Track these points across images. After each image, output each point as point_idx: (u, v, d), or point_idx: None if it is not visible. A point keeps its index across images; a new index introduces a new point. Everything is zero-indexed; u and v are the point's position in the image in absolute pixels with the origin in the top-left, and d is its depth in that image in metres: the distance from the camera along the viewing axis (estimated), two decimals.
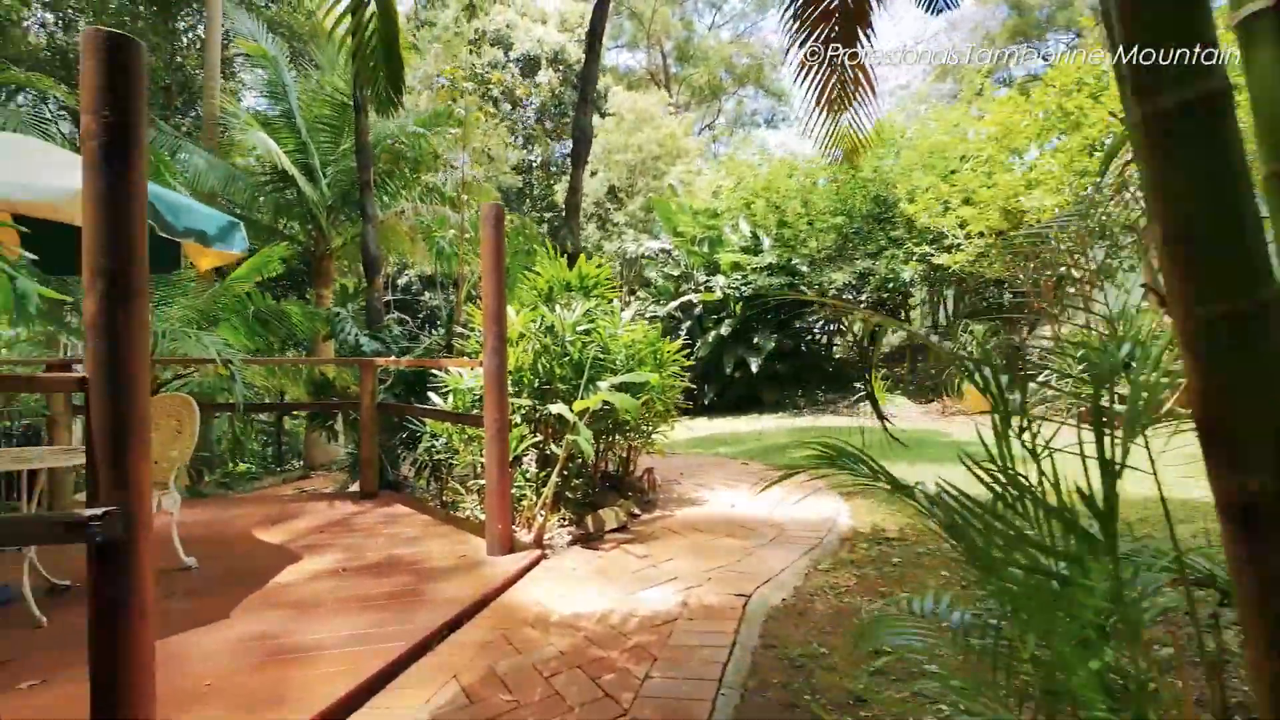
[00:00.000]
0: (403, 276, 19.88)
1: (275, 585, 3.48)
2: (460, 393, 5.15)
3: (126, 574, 1.80)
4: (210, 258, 4.06)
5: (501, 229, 4.01)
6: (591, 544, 4.23)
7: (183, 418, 3.82)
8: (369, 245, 7.36)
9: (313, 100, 9.93)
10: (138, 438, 1.83)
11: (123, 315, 1.80)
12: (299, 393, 8.27)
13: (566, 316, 4.72)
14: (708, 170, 21.29)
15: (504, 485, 3.97)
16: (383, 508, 5.23)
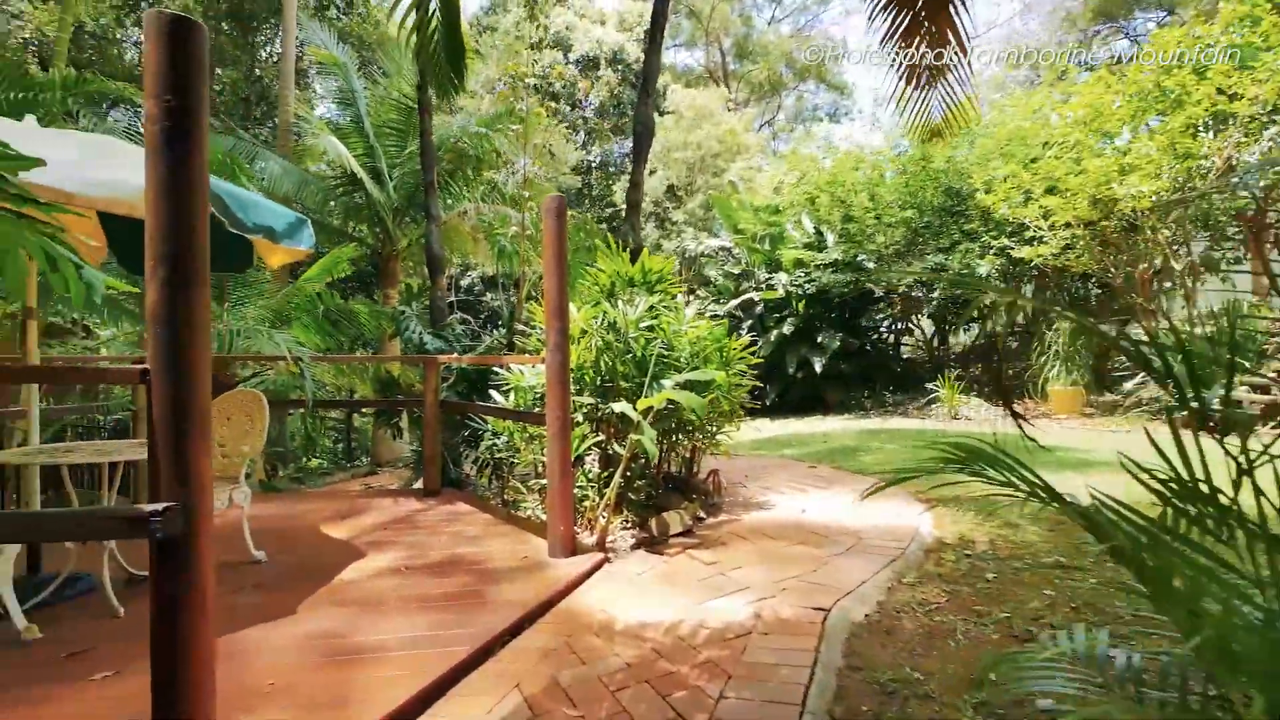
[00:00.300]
0: (465, 278, 20.25)
1: (340, 582, 3.46)
2: (522, 390, 5.08)
3: (187, 570, 1.74)
4: (280, 255, 4.10)
5: (564, 221, 3.90)
6: (655, 548, 4.06)
7: (254, 413, 3.86)
8: (432, 245, 7.43)
9: (380, 106, 10.17)
10: (199, 431, 1.77)
11: (183, 303, 1.75)
12: (367, 391, 8.46)
13: (629, 312, 4.58)
14: (768, 167, 20.86)
15: (566, 485, 3.85)
16: (445, 505, 5.22)
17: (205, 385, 1.80)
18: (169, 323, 1.74)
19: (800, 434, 9.64)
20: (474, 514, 4.93)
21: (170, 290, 1.75)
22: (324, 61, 9.72)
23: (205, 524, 1.78)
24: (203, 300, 1.81)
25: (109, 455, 3.07)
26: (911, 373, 14.18)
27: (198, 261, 1.80)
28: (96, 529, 1.65)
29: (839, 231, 14.08)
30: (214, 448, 3.89)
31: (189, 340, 1.77)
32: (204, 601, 1.79)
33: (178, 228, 1.76)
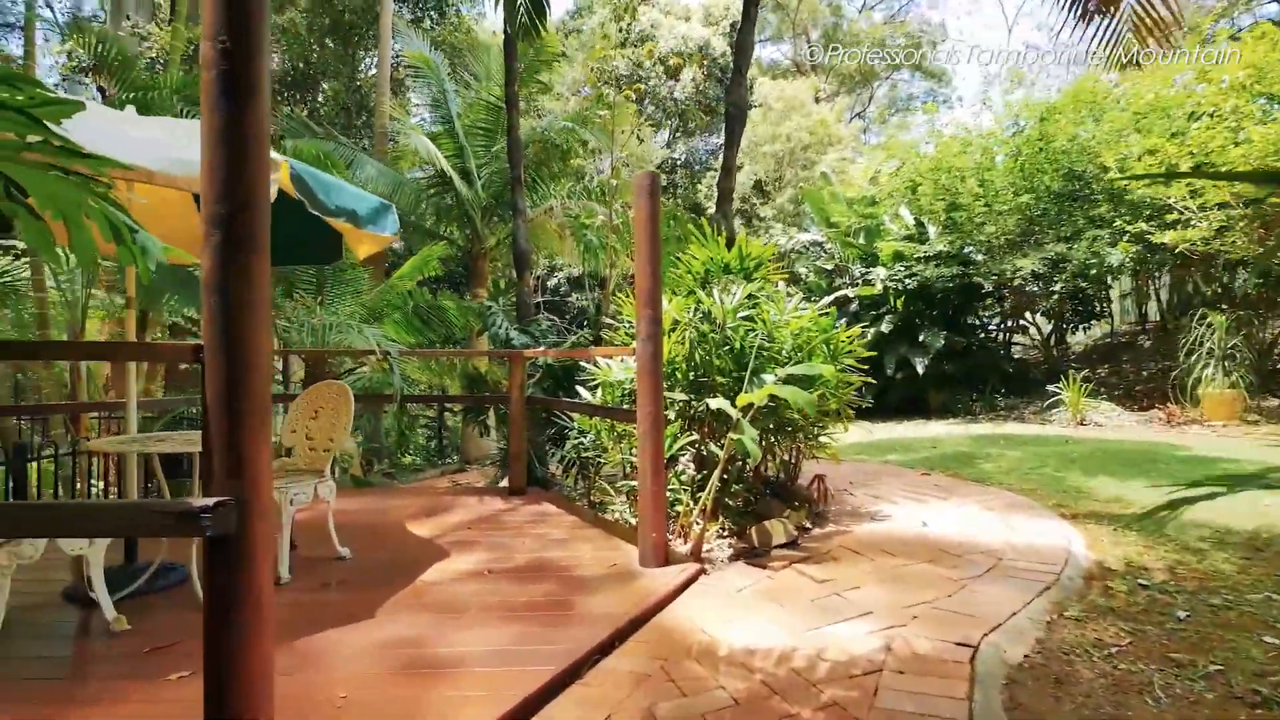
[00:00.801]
0: (552, 278, 20.43)
1: (422, 584, 3.28)
2: (609, 386, 4.81)
3: (240, 572, 1.53)
4: (367, 244, 4.01)
5: (657, 200, 3.58)
6: (757, 560, 3.66)
7: (339, 406, 3.77)
8: (519, 240, 7.32)
9: (469, 108, 10.29)
10: (256, 417, 1.55)
11: (240, 272, 1.54)
12: (456, 388, 8.50)
13: (726, 301, 4.21)
14: (862, 159, 19.84)
15: (658, 488, 3.52)
16: (530, 505, 5.02)
17: (263, 366, 1.59)
18: (223, 292, 1.54)
19: (904, 438, 8.90)
20: (560, 515, 4.69)
21: (225, 256, 1.54)
22: (417, 64, 9.90)
23: (261, 522, 1.57)
24: (261, 270, 1.60)
25: (197, 445, 3.01)
26: (1025, 374, 12.97)
27: (257, 225, 1.59)
28: (141, 524, 1.47)
29: (942, 222, 13.08)
30: (301, 440, 3.83)
31: (246, 314, 1.56)
32: (259, 605, 1.57)
33: (234, 186, 1.55)
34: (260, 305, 1.59)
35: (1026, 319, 13.45)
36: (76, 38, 7.61)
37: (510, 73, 7.41)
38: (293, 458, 3.82)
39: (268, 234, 1.62)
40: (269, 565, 1.61)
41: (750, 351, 4.12)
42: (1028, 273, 11.31)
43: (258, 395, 1.57)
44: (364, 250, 4.05)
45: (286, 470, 3.76)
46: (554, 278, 20.60)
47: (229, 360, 1.53)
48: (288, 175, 2.79)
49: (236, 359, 1.54)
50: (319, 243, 4.28)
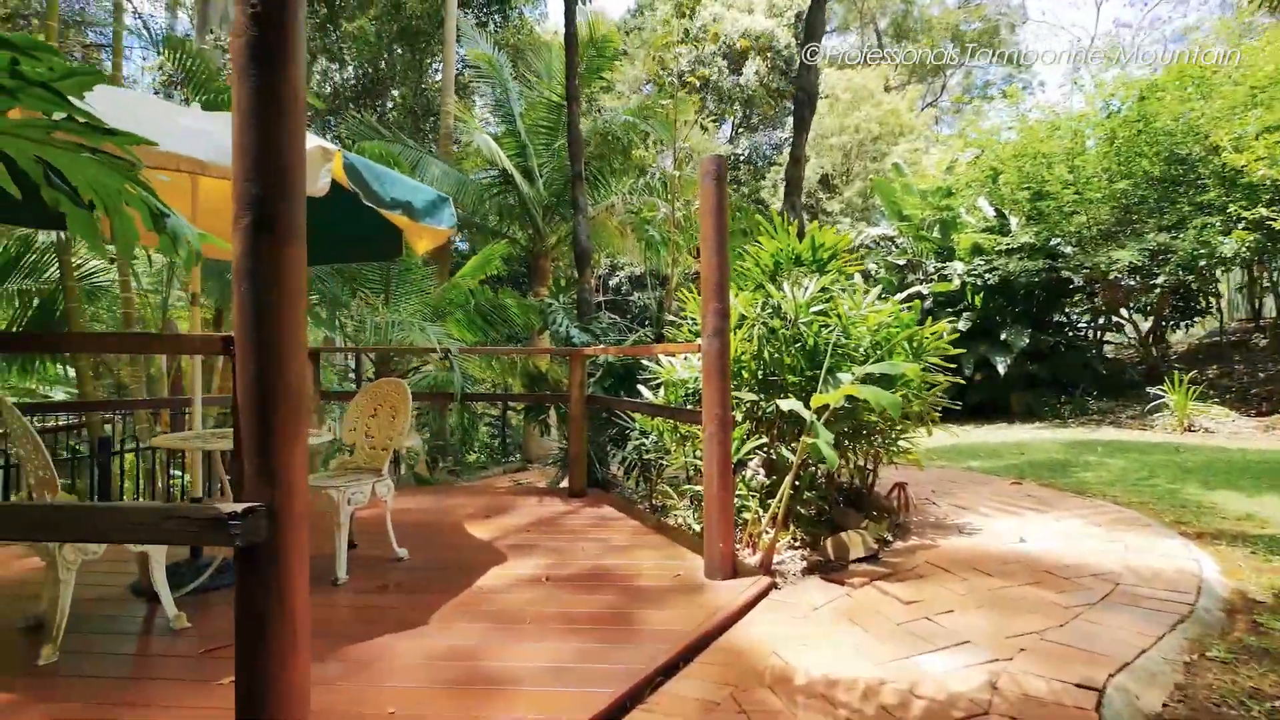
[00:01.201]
0: (613, 277, 20.39)
1: (478, 590, 3.15)
2: (673, 385, 4.59)
3: (272, 584, 1.39)
4: (425, 239, 3.94)
5: (723, 185, 3.34)
6: (833, 575, 3.37)
7: (398, 404, 3.70)
8: (580, 237, 7.20)
9: (531, 107, 10.28)
10: (289, 416, 1.41)
11: (272, 256, 1.40)
12: (518, 387, 8.47)
13: (797, 295, 3.92)
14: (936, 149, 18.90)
15: (726, 494, 3.28)
16: (591, 508, 4.86)
17: (297, 360, 1.45)
18: (254, 279, 1.41)
19: (986, 443, 8.31)
20: (621, 519, 4.51)
21: (256, 240, 1.41)
22: (480, 64, 9.96)
23: (295, 530, 1.43)
24: (296, 256, 1.46)
25: None
26: (1120, 375, 11.98)
27: (290, 205, 1.45)
28: (164, 531, 1.35)
29: (1026, 213, 12.23)
30: (361, 438, 3.78)
31: (279, 303, 1.42)
32: (293, 623, 1.44)
33: (266, 162, 1.42)
34: (295, 294, 1.45)
35: (1122, 316, 12.42)
36: (166, 53, 7.99)
37: (570, 67, 7.31)
38: (353, 456, 3.78)
39: (303, 216, 1.49)
40: (304, 577, 1.47)
41: (824, 349, 3.83)
42: (1125, 265, 10.41)
43: (291, 392, 1.43)
44: (422, 246, 3.97)
45: (346, 468, 3.72)
46: (615, 277, 20.55)
47: (260, 353, 1.40)
48: (341, 166, 2.70)
49: (268, 352, 1.41)
50: (379, 239, 4.25)
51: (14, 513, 1.48)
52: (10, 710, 2.08)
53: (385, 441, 3.67)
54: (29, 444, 2.44)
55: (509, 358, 8.01)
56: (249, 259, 1.40)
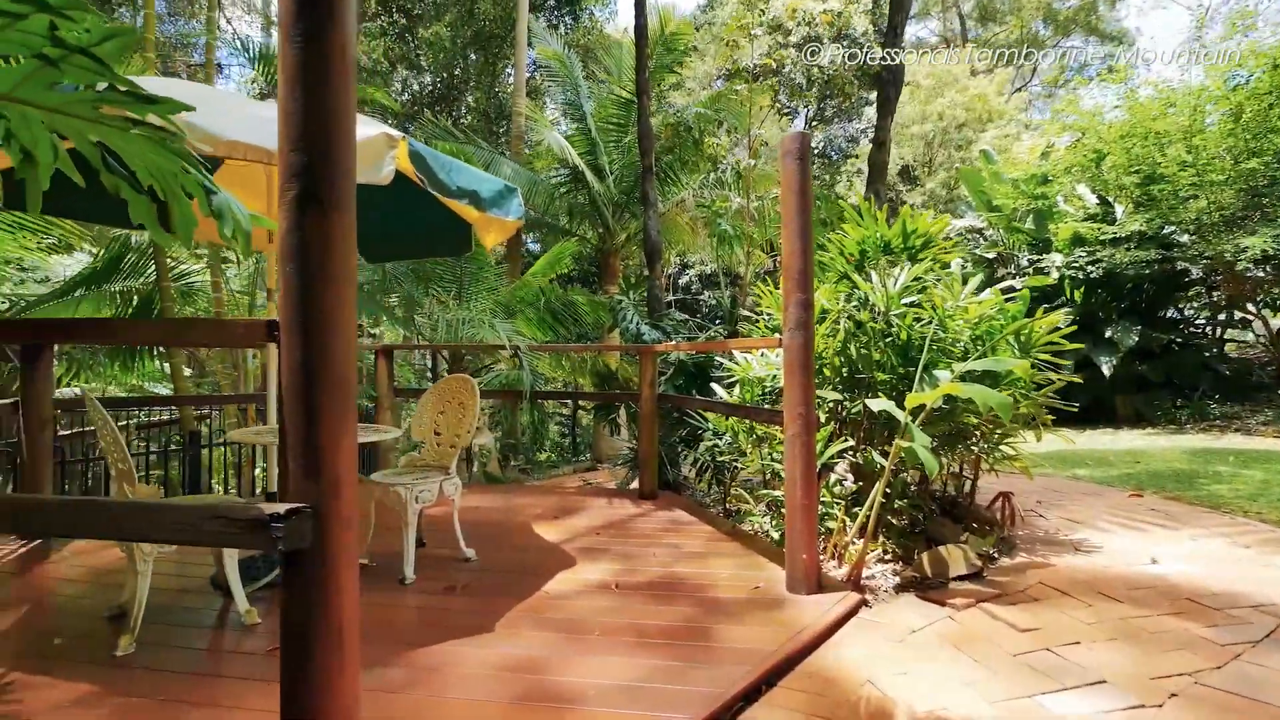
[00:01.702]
0: (683, 276, 20.17)
1: (545, 595, 3.01)
2: (748, 384, 4.34)
3: (316, 592, 1.26)
4: (494, 232, 3.85)
5: (807, 165, 3.07)
6: (930, 594, 3.04)
7: (466, 400, 3.62)
8: (650, 232, 7.03)
9: (601, 104, 10.22)
10: (336, 406, 1.28)
11: (319, 232, 1.26)
12: (588, 385, 8.40)
13: (887, 286, 3.60)
14: (1028, 134, 17.69)
15: (810, 501, 3.01)
16: (662, 511, 4.67)
17: (346, 347, 1.32)
18: (301, 256, 1.28)
19: (1094, 450, 7.59)
20: (694, 524, 4.29)
21: (302, 213, 1.28)
22: (550, 62, 9.96)
23: (343, 534, 1.30)
24: (344, 232, 1.33)
25: None
26: (1246, 377, 10.78)
27: (339, 174, 1.32)
28: (203, 531, 1.24)
29: (1135, 199, 11.18)
30: (430, 435, 3.72)
31: (327, 283, 1.30)
32: (340, 635, 1.31)
33: (312, 129, 1.29)
34: (343, 275, 1.32)
35: (1248, 310, 11.16)
36: (259, 66, 8.38)
37: (641, 59, 7.15)
38: (422, 453, 3.73)
39: (353, 187, 1.36)
40: (353, 585, 1.34)
41: (919, 344, 3.49)
42: (1254, 254, 9.32)
43: (338, 380, 1.30)
44: (491, 239, 3.89)
45: (415, 465, 3.68)
46: (685, 275, 20.33)
47: (305, 338, 1.28)
48: (406, 154, 2.61)
49: (314, 337, 1.28)
50: (449, 234, 4.20)
51: (53, 507, 1.42)
52: (82, 703, 2.08)
53: (453, 439, 3.60)
54: (109, 437, 2.47)
55: (579, 357, 7.93)
56: (294, 234, 1.28)
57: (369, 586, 3.14)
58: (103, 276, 5.56)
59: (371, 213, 4.35)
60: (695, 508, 4.79)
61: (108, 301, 5.51)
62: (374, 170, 2.49)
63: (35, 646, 2.49)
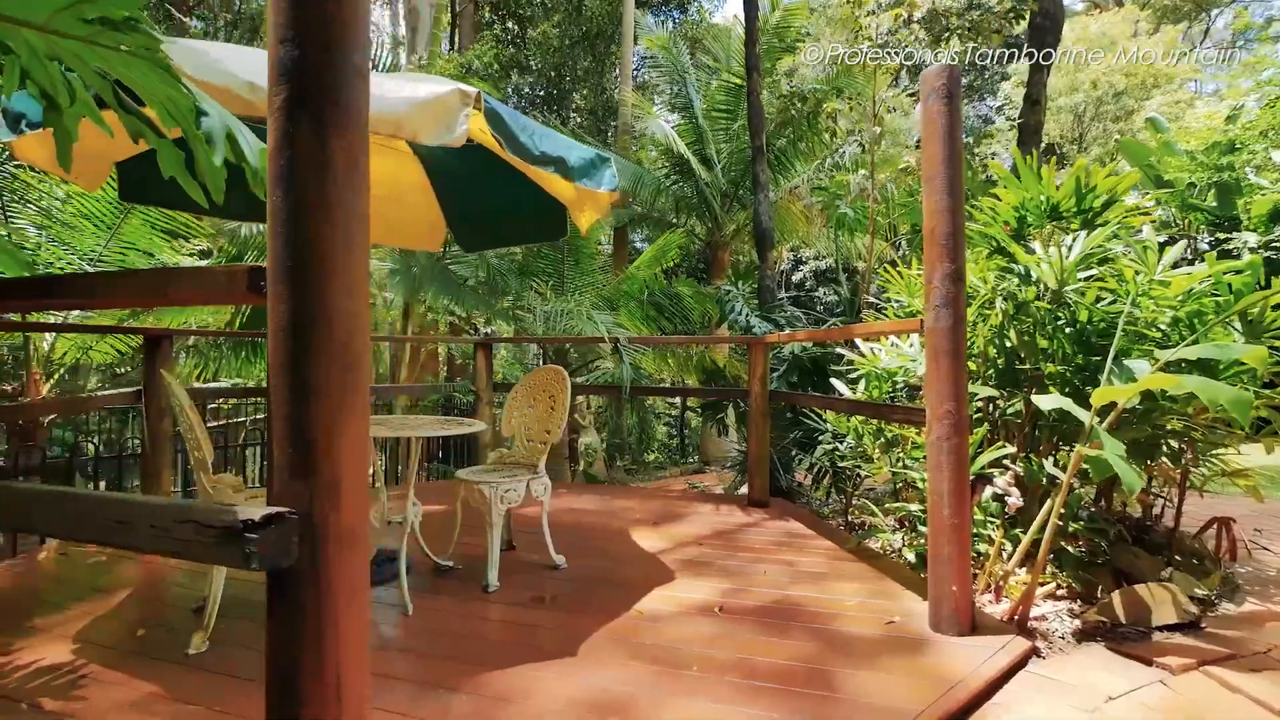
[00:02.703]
0: (796, 272, 19.27)
1: (637, 616, 2.63)
2: (875, 379, 3.76)
3: (305, 627, 0.94)
4: (587, 210, 3.53)
5: (956, 104, 2.49)
6: (1128, 647, 2.36)
7: (556, 394, 3.33)
8: (761, 217, 6.51)
9: (708, 93, 9.79)
10: (337, 384, 0.95)
11: (315, 144, 0.95)
12: (694, 382, 7.99)
13: (1058, 257, 2.91)
14: (1205, 98, 15.28)
15: (961, 520, 2.43)
16: (775, 521, 4.17)
17: (353, 305, 1.00)
18: (291, 179, 0.97)
19: None
20: (811, 539, 3.76)
21: (292, 125, 0.97)
22: (656, 49, 9.66)
23: (343, 552, 0.97)
24: (353, 149, 1.01)
25: (405, 429, 2.74)
26: None
27: (345, 77, 1.00)
28: (176, 541, 0.94)
29: None
30: (520, 431, 3.46)
31: (324, 219, 0.98)
32: (339, 684, 0.98)
33: (307, 9, 0.98)
34: (349, 209, 1.00)
35: None
36: None
37: (751, 30, 6.66)
38: (511, 450, 3.48)
39: (364, 93, 1.03)
40: (358, 620, 1.01)
41: (1102, 326, 2.79)
42: None
43: (340, 347, 0.98)
44: (585, 219, 3.58)
45: (505, 462, 3.43)
46: (799, 271, 19.39)
47: (295, 289, 0.96)
48: (481, 115, 2.32)
49: (307, 289, 0.96)
50: (543, 218, 3.95)
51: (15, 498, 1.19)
52: (139, 706, 1.93)
53: (543, 435, 3.31)
54: (185, 423, 2.37)
55: (685, 352, 7.54)
56: (284, 152, 0.98)
57: (449, 592, 2.91)
58: None
59: (461, 198, 4.20)
60: (812, 519, 4.25)
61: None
62: (445, 130, 2.22)
63: (120, 637, 2.43)
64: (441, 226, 4.38)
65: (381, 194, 4.18)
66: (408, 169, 4.00)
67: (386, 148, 3.74)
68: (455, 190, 4.10)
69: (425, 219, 4.32)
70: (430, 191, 4.14)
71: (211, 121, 1.08)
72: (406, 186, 4.10)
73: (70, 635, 2.41)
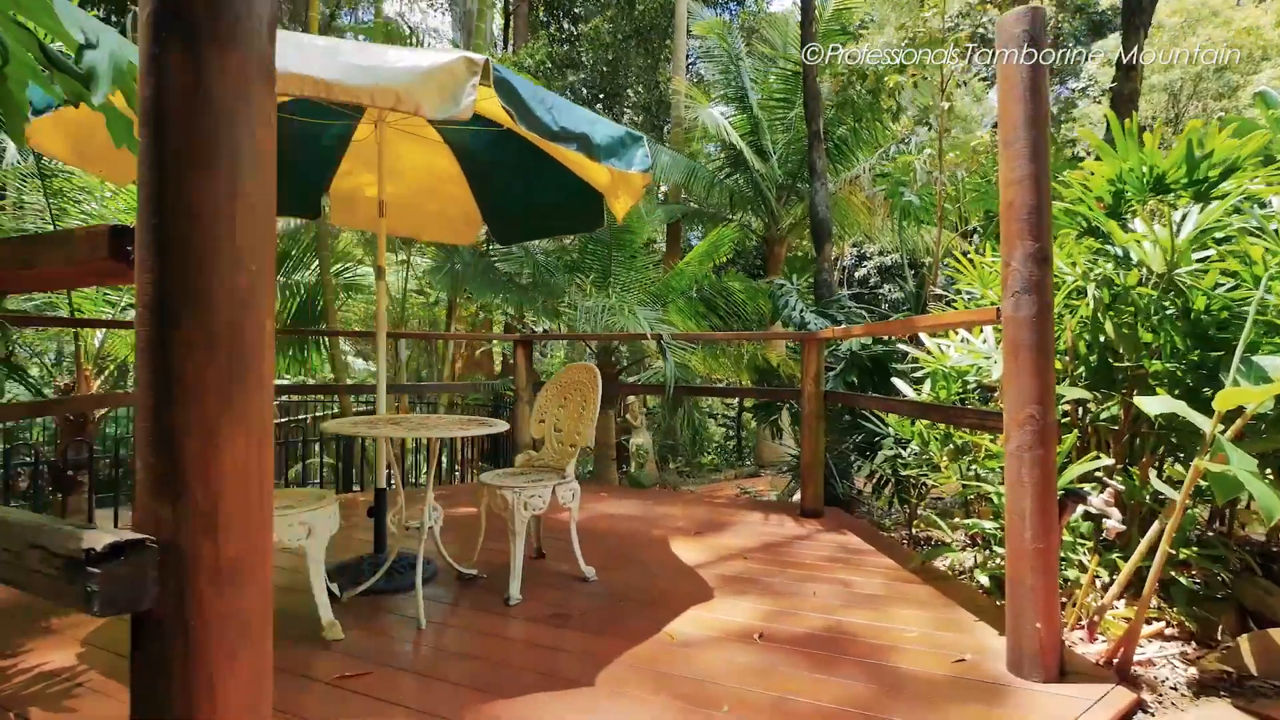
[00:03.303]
0: (860, 268, 18.53)
1: (667, 640, 2.37)
2: (944, 378, 3.37)
3: (167, 683, 0.73)
4: (621, 196, 3.30)
5: (1041, 58, 2.12)
6: (1257, 704, 1.93)
7: (587, 392, 3.10)
8: (817, 207, 6.11)
9: (764, 81, 9.40)
10: (217, 380, 0.73)
11: (191, 70, 0.73)
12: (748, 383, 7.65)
13: (1167, 235, 2.48)
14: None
15: (1047, 545, 2.06)
16: (829, 533, 3.82)
17: (243, 279, 0.78)
18: (158, 120, 0.76)
19: None
20: (869, 555, 3.40)
21: (158, 44, 0.76)
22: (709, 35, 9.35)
23: (223, 596, 0.75)
24: (241, 80, 0.79)
25: (431, 430, 2.57)
26: None
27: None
28: (21, 570, 0.75)
29: None
30: (550, 432, 3.26)
31: (201, 166, 0.76)
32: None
33: None
34: (237, 158, 0.78)
35: None
36: None
37: (807, 9, 6.27)
38: (540, 452, 3.28)
39: (265, 8, 0.81)
40: (252, 679, 0.79)
41: (1223, 316, 2.35)
42: None
43: (222, 337, 0.76)
44: (621, 205, 3.34)
45: (533, 465, 3.23)
46: (862, 268, 18.64)
47: (162, 258, 0.75)
48: (491, 85, 2.10)
49: (178, 256, 0.75)
50: (579, 207, 3.75)
51: None
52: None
53: (573, 437, 3.09)
54: None
55: (737, 351, 7.20)
56: (151, 79, 0.77)
57: (469, 603, 2.72)
58: None
59: (493, 187, 4.03)
60: (871, 532, 3.88)
61: (284, 293, 5.90)
62: (451, 101, 2.02)
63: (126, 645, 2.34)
64: (477, 219, 4.23)
65: (416, 186, 4.07)
66: (440, 159, 3.87)
67: (416, 137, 3.61)
68: (488, 179, 3.94)
69: (460, 212, 4.19)
70: (464, 183, 4.00)
71: (96, 55, 0.88)
72: (440, 178, 3.96)
73: (80, 639, 2.34)
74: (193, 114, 0.76)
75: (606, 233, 6.52)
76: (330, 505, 2.48)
